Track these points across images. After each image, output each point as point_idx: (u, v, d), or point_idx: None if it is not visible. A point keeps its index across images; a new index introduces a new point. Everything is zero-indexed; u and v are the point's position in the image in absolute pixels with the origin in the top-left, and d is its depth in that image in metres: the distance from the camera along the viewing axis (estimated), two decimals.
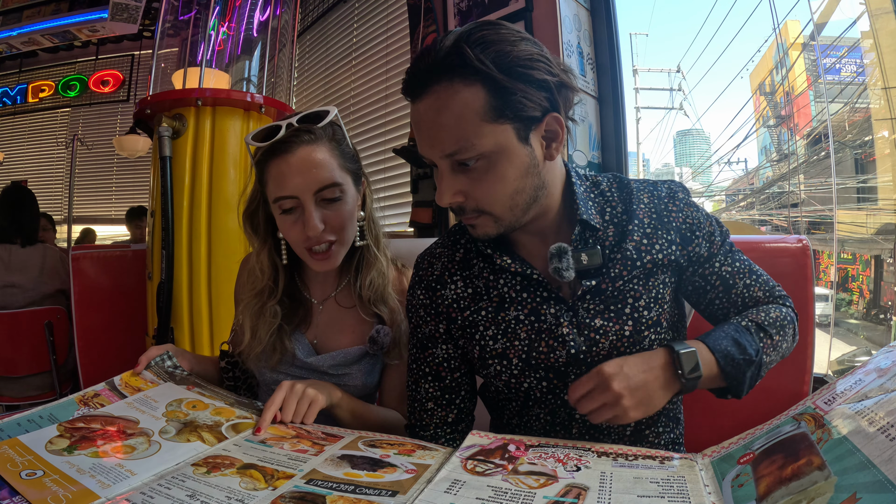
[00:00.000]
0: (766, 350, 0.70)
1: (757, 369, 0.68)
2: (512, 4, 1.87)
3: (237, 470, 0.57)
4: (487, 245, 0.76)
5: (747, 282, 0.76)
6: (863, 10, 6.64)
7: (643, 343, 0.72)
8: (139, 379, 0.82)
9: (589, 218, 0.72)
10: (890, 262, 7.30)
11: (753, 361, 0.67)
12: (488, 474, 0.55)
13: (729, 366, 0.66)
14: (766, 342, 0.70)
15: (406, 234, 2.44)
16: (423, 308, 0.80)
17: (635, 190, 0.77)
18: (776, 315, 0.73)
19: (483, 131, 0.62)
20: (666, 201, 0.76)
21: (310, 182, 0.80)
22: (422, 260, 0.83)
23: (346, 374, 0.91)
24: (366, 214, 0.91)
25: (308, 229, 0.80)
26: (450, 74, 0.61)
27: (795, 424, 0.54)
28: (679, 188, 0.78)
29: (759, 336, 0.70)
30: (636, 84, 13.67)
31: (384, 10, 2.80)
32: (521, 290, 0.74)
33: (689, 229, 0.75)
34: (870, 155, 7.35)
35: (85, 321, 1.83)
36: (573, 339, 0.71)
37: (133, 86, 5.75)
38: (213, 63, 2.26)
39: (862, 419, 0.48)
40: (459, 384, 0.80)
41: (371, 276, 0.90)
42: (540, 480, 0.53)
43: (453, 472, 0.56)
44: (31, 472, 0.53)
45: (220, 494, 0.51)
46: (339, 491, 0.52)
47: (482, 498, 0.49)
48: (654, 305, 0.73)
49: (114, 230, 5.37)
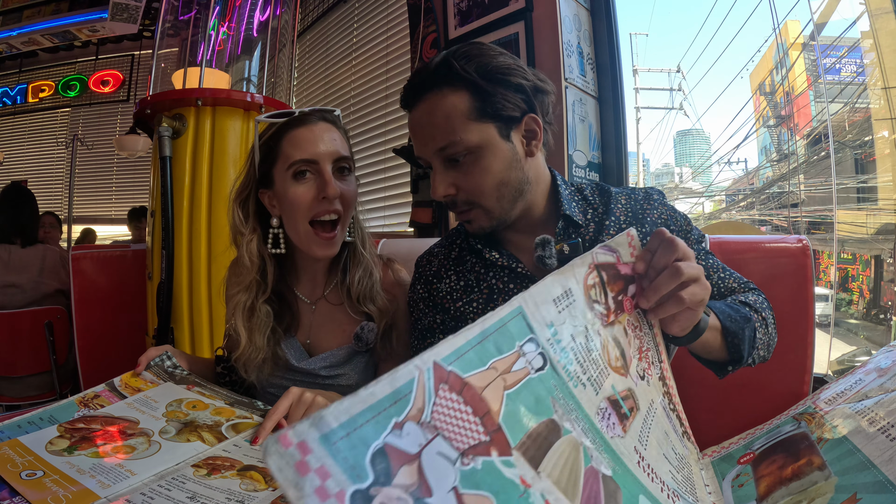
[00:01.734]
0: (755, 321, 0.71)
1: (752, 332, 0.69)
2: (512, 4, 1.87)
3: (237, 472, 0.57)
4: (479, 241, 0.83)
5: (721, 275, 0.81)
6: (863, 10, 6.64)
7: None
8: (139, 379, 0.82)
9: (572, 214, 0.80)
10: (890, 262, 7.30)
11: (750, 320, 0.69)
12: (594, 308, 0.48)
13: (727, 320, 0.66)
14: (754, 315, 0.72)
15: (406, 234, 2.44)
16: (423, 301, 0.88)
17: (614, 193, 0.85)
18: (755, 298, 0.77)
19: (469, 128, 0.71)
20: (642, 202, 0.83)
21: (331, 149, 0.84)
22: (421, 259, 0.92)
23: (340, 374, 0.91)
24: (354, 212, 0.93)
25: (328, 188, 0.83)
26: (440, 84, 0.72)
27: (796, 424, 0.54)
28: (655, 192, 0.86)
29: (746, 308, 0.72)
30: (636, 84, 13.67)
31: (384, 10, 2.80)
32: (509, 282, 0.81)
33: (665, 224, 0.82)
34: (870, 155, 7.35)
35: (85, 321, 1.83)
36: None
37: (133, 86, 5.76)
38: (213, 63, 2.26)
39: (862, 419, 0.48)
40: None
41: (359, 274, 0.92)
42: (618, 362, 0.48)
43: (575, 277, 0.47)
44: (31, 472, 0.53)
45: (221, 496, 0.51)
46: None
47: (574, 336, 0.43)
48: None
49: (114, 230, 5.37)
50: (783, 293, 1.05)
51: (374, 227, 2.67)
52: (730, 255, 1.10)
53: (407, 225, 2.32)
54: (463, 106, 0.71)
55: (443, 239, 0.92)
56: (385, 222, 2.64)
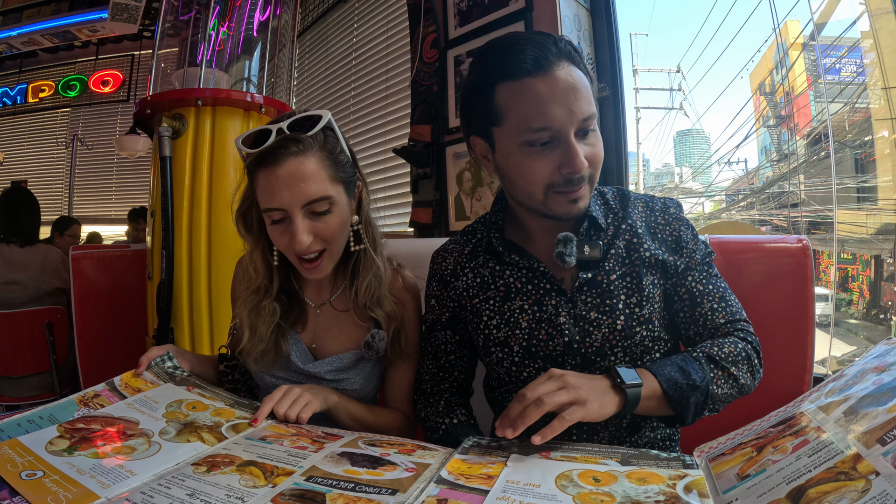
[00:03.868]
0: (716, 381, 0.70)
1: (703, 396, 0.68)
2: (512, 4, 1.87)
3: (237, 467, 0.57)
4: (500, 244, 0.83)
5: (714, 306, 0.78)
6: (863, 10, 6.64)
7: (634, 338, 0.77)
8: (139, 380, 0.82)
9: (597, 216, 0.80)
10: (890, 262, 7.30)
11: (698, 387, 0.68)
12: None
13: (672, 389, 0.67)
14: (717, 373, 0.71)
15: (406, 234, 2.44)
16: (435, 298, 0.91)
17: (633, 199, 0.85)
18: (730, 350, 0.73)
19: (595, 104, 0.74)
20: (658, 214, 0.83)
21: (298, 196, 0.77)
22: (437, 255, 0.93)
23: (344, 378, 0.91)
24: (362, 218, 0.89)
25: (295, 244, 0.79)
26: (567, 58, 0.72)
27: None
28: (673, 205, 0.85)
29: (710, 367, 0.71)
30: (636, 84, 13.65)
31: (384, 10, 2.80)
32: (527, 282, 0.81)
33: (675, 242, 0.81)
34: (870, 155, 7.35)
35: (85, 321, 1.83)
36: (568, 329, 0.77)
37: (133, 86, 5.76)
38: (213, 63, 2.26)
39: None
40: (454, 365, 0.91)
41: (368, 281, 0.89)
42: None
43: None
44: (31, 472, 0.53)
45: (220, 493, 0.51)
46: (339, 489, 0.52)
47: None
48: (646, 304, 0.78)
49: (114, 230, 5.37)
50: (783, 293, 1.05)
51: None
52: (730, 255, 1.10)
53: (407, 225, 2.32)
54: (589, 84, 0.74)
55: (459, 236, 0.93)
56: (385, 222, 2.64)
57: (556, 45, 0.71)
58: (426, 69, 2.24)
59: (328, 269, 0.86)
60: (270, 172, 0.77)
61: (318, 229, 0.80)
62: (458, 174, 2.08)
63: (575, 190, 0.73)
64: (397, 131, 2.63)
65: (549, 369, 0.74)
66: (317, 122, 0.81)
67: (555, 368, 0.67)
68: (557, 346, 0.78)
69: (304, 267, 0.84)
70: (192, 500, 0.49)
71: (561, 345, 0.78)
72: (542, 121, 0.69)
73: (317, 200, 0.79)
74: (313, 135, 0.80)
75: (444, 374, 0.91)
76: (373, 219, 0.93)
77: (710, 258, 0.82)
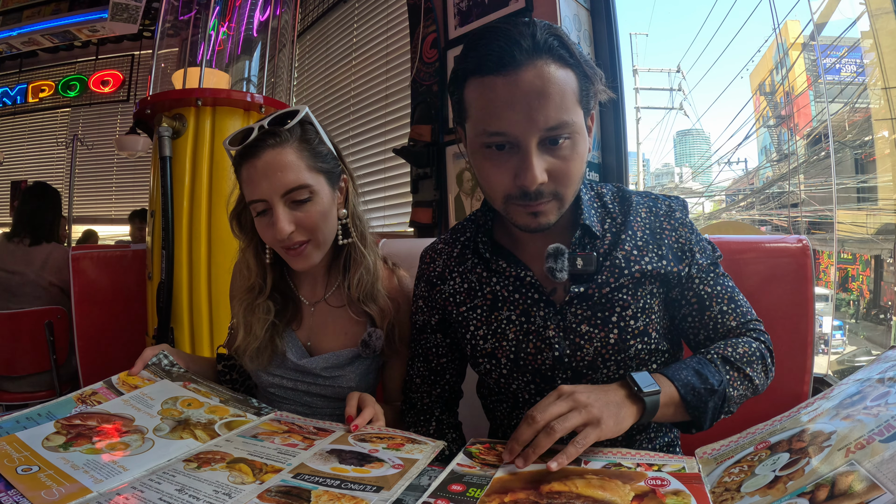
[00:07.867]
0: (731, 383, 0.68)
1: (721, 400, 0.67)
2: (512, 4, 1.87)
3: (227, 464, 0.58)
4: (487, 249, 0.78)
5: (723, 308, 0.75)
6: (863, 10, 6.65)
7: (629, 352, 0.73)
8: (136, 377, 0.82)
9: (591, 224, 0.74)
10: (890, 262, 7.30)
11: (716, 391, 0.66)
12: None
13: (690, 394, 0.65)
14: (733, 375, 0.69)
15: (406, 234, 2.44)
16: (423, 299, 0.87)
17: (635, 203, 0.78)
18: (744, 350, 0.71)
19: (577, 110, 0.65)
20: (662, 218, 0.77)
21: (276, 185, 0.80)
22: (425, 254, 0.89)
23: (338, 375, 0.91)
24: (349, 212, 0.90)
25: (276, 232, 0.80)
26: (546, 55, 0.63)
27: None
28: (679, 206, 0.79)
29: (725, 368, 0.69)
30: (636, 84, 13.69)
31: (384, 10, 2.80)
32: (514, 291, 0.76)
33: (681, 249, 0.76)
34: (870, 155, 7.35)
35: (85, 321, 1.83)
36: (558, 343, 0.73)
37: (133, 86, 5.76)
38: (213, 63, 2.26)
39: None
40: (444, 368, 0.88)
41: (359, 274, 0.90)
42: None
43: None
44: (27, 467, 0.54)
45: (209, 488, 0.52)
46: (325, 486, 0.53)
47: None
48: (642, 315, 0.73)
49: (114, 230, 5.37)
50: (783, 293, 1.05)
51: (375, 227, 2.66)
52: (730, 255, 1.09)
53: (407, 225, 2.32)
54: (573, 86, 0.65)
55: (447, 235, 0.88)
56: (385, 222, 2.64)
57: (532, 38, 0.63)
58: (426, 69, 2.25)
59: (315, 259, 0.86)
60: (251, 165, 0.81)
61: (299, 219, 0.82)
62: (458, 174, 2.08)
63: (533, 205, 0.66)
64: (397, 131, 2.63)
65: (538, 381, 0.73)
66: (294, 116, 0.84)
67: (564, 385, 0.63)
68: (546, 359, 0.74)
69: (290, 255, 0.85)
70: (181, 496, 0.50)
71: (550, 359, 0.73)
72: (497, 125, 0.64)
73: (295, 189, 0.81)
74: (290, 128, 0.83)
75: (436, 377, 0.88)
76: (361, 213, 0.94)
77: (719, 260, 0.78)
